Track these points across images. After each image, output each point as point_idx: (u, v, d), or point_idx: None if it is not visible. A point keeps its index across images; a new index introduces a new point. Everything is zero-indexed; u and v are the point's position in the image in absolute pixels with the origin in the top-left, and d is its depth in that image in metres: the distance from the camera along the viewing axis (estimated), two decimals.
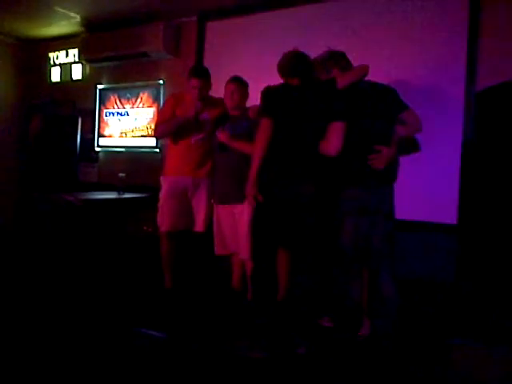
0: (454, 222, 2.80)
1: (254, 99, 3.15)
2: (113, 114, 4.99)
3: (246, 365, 2.30)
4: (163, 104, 3.50)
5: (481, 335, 1.95)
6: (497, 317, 1.96)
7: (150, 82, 4.71)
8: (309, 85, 2.64)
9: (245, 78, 3.17)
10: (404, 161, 2.76)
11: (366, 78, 2.60)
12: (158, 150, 4.60)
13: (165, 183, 3.32)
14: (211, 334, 2.65)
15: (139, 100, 4.79)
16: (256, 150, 2.50)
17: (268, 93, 2.61)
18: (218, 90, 3.28)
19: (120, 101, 4.93)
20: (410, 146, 2.82)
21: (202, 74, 3.28)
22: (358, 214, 2.50)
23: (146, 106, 4.74)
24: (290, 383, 2.17)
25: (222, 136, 3.07)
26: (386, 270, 2.54)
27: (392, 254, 2.62)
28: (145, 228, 3.92)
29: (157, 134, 3.56)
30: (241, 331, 2.66)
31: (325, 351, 2.46)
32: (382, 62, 2.99)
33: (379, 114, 2.55)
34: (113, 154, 4.99)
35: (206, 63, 4.12)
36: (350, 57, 2.68)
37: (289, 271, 2.67)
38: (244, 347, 2.45)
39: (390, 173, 2.61)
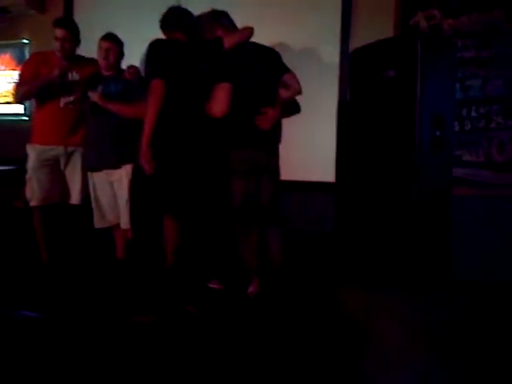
0: (333, 180, 2.96)
1: (131, 59, 2.99)
2: None
3: (134, 330, 2.22)
4: (23, 63, 3.13)
5: (361, 279, 2.08)
6: (370, 263, 2.11)
7: (12, 42, 4.19)
8: (195, 42, 2.54)
9: (120, 36, 2.96)
10: (285, 122, 2.81)
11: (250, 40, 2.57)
12: (26, 118, 4.16)
13: (32, 152, 3.01)
14: (94, 305, 2.52)
15: (0, 61, 4.26)
16: (149, 114, 2.32)
17: (157, 48, 2.43)
18: (90, 52, 3.01)
19: None
20: (292, 107, 2.87)
21: (66, 23, 2.97)
22: (246, 174, 2.52)
23: (8, 68, 4.23)
24: (181, 343, 2.14)
25: (94, 96, 2.84)
26: (273, 228, 2.61)
27: (279, 212, 2.68)
28: (15, 203, 3.55)
29: (17, 97, 3.14)
30: (126, 299, 2.55)
31: (214, 311, 2.47)
32: (264, 24, 2.97)
33: (264, 75, 2.56)
34: None
35: (77, 20, 3.77)
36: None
37: (176, 237, 2.60)
38: (131, 313, 2.36)
39: (275, 133, 2.65)
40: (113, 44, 2.90)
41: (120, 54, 2.95)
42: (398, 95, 1.98)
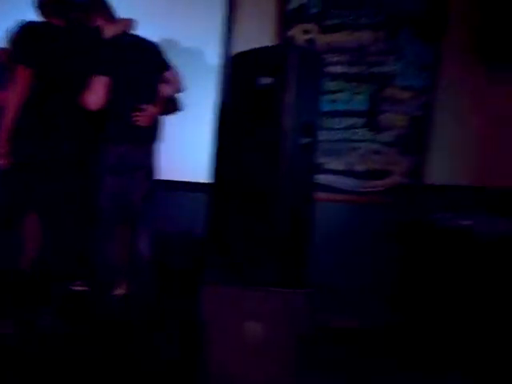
0: (207, 180, 3.00)
1: None
2: None
3: None
4: None
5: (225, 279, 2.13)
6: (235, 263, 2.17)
7: None
8: (73, 29, 2.39)
9: None
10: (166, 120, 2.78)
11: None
12: None
13: None
14: None
15: None
16: (10, 104, 2.14)
17: (26, 32, 2.23)
18: None
19: None
20: (173, 105, 2.84)
21: None
22: (118, 171, 2.43)
23: None
24: (33, 359, 2.00)
25: None
26: (143, 228, 2.55)
27: (151, 211, 2.62)
28: None
29: None
30: None
31: (75, 317, 2.36)
32: (149, 18, 2.90)
33: (144, 69, 2.50)
34: None
35: None
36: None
37: (37, 236, 2.42)
38: None
39: (154, 131, 2.60)
40: None
41: None
42: (270, 102, 2.06)
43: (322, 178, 3.01)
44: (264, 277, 2.03)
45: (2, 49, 2.61)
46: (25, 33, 2.24)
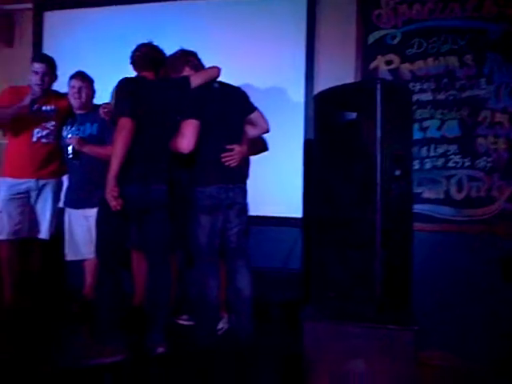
0: (300, 215, 3.07)
1: (104, 96, 3.04)
2: None
3: (100, 371, 2.20)
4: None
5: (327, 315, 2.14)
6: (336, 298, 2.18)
7: None
8: (163, 80, 2.62)
9: (91, 73, 3.03)
10: (253, 160, 2.91)
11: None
12: None
13: (3, 185, 3.01)
14: (58, 348, 2.48)
15: None
16: (116, 150, 2.33)
17: (125, 86, 2.48)
18: (58, 88, 3.08)
19: None
20: (259, 145, 2.98)
21: (44, 58, 3.03)
22: (211, 211, 2.54)
23: None
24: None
25: (72, 141, 2.89)
26: (242, 264, 2.64)
27: (247, 248, 2.72)
28: None
29: None
30: (91, 339, 2.53)
31: (184, 348, 2.48)
32: (231, 63, 3.10)
33: (230, 113, 2.63)
34: None
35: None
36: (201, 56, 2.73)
37: (144, 273, 2.62)
38: (95, 354, 2.33)
39: (243, 171, 2.73)
40: (84, 82, 2.96)
41: (92, 92, 3.01)
42: (359, 136, 2.11)
43: (419, 208, 2.93)
44: (366, 312, 2.01)
45: (109, 105, 2.96)
46: (122, 88, 2.48)
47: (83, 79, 2.97)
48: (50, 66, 3.01)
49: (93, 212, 2.83)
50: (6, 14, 4.04)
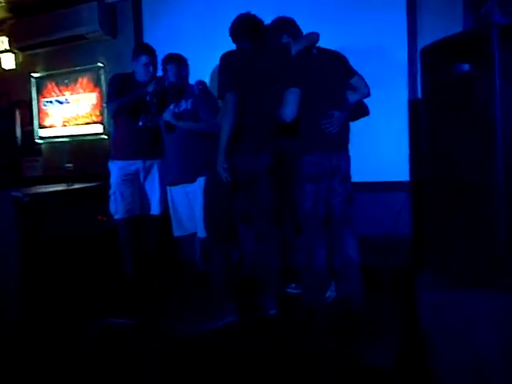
0: (407, 179, 2.94)
1: (196, 75, 3.14)
2: (52, 103, 4.78)
3: (218, 332, 2.33)
4: (110, 82, 3.36)
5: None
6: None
7: (89, 66, 4.53)
8: (263, 50, 2.63)
9: (187, 56, 3.13)
10: (354, 125, 2.83)
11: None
12: (105, 137, 4.47)
13: (114, 168, 3.25)
14: (178, 314, 2.67)
15: (79, 85, 4.61)
16: (224, 127, 2.42)
17: (226, 61, 2.53)
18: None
19: (58, 88, 4.73)
20: (360, 110, 2.89)
21: (150, 49, 3.21)
22: (316, 179, 2.53)
23: (86, 91, 4.57)
24: (262, 343, 2.21)
25: (167, 115, 3.03)
26: (348, 231, 2.61)
27: (352, 215, 2.68)
28: (99, 217, 3.81)
29: (111, 111, 3.31)
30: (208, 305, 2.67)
31: (294, 313, 2.54)
32: (330, 28, 3.02)
33: (331, 79, 2.58)
34: (57, 145, 4.80)
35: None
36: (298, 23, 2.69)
37: (251, 245, 2.68)
38: (214, 316, 2.48)
39: (344, 137, 2.66)
40: (177, 64, 3.08)
41: (185, 71, 3.11)
42: (474, 90, 1.93)
43: None
44: (491, 279, 1.88)
45: (202, 83, 3.05)
46: (225, 63, 2.51)
47: (176, 62, 3.08)
48: (155, 54, 3.21)
49: (192, 187, 3.04)
50: (109, 7, 4.31)
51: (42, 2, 4.39)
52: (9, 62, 4.92)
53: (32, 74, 4.82)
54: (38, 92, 4.83)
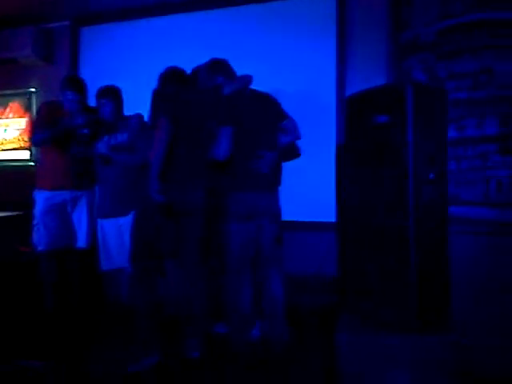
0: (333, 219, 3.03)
1: (136, 105, 3.12)
2: None
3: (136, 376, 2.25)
4: (38, 111, 3.27)
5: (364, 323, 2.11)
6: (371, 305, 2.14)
7: (21, 91, 4.40)
8: (197, 90, 2.68)
9: (123, 85, 3.11)
10: (286, 166, 2.91)
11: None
12: (32, 164, 4.30)
13: (40, 197, 3.12)
14: (99, 353, 2.56)
15: (8, 110, 4.44)
16: (156, 148, 2.43)
17: (161, 93, 2.59)
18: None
19: None
20: (291, 151, 2.97)
21: (78, 86, 3.14)
22: (245, 218, 2.56)
23: (16, 116, 4.41)
24: None
25: (102, 148, 2.98)
26: (274, 271, 2.64)
27: (281, 255, 2.72)
28: (21, 249, 3.62)
29: (35, 141, 3.24)
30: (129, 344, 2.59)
31: (218, 354, 2.51)
32: (262, 69, 3.11)
33: (263, 121, 2.65)
34: None
35: (83, 70, 4.00)
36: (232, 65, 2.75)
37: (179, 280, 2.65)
38: (135, 356, 2.40)
39: (275, 177, 2.73)
40: (109, 100, 3.05)
41: (119, 106, 3.09)
42: (390, 139, 2.06)
43: (456, 211, 2.84)
44: (404, 321, 1.96)
45: (138, 116, 3.04)
46: (158, 95, 2.59)
47: (110, 96, 3.05)
48: (83, 91, 3.14)
49: (124, 220, 2.95)
50: (45, 32, 4.22)
51: None
52: None
53: None
54: None
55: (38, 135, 3.10)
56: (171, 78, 2.69)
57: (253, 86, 2.70)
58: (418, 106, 1.99)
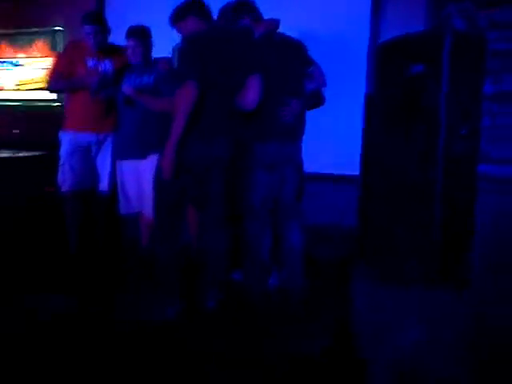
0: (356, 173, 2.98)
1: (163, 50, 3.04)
2: (2, 64, 4.54)
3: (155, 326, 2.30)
4: (63, 50, 3.24)
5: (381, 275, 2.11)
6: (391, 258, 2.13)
7: (46, 28, 4.34)
8: (228, 32, 2.55)
9: (153, 23, 3.00)
10: (309, 115, 2.84)
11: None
12: (58, 104, 4.31)
13: (65, 138, 3.14)
14: (117, 299, 2.63)
15: (34, 48, 4.41)
16: (178, 119, 2.24)
17: (194, 44, 2.37)
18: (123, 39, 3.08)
19: (12, 49, 4.50)
20: (316, 100, 2.87)
21: (95, 19, 3.06)
22: (268, 168, 2.53)
23: (41, 55, 4.38)
24: (198, 338, 2.22)
25: (127, 89, 2.94)
26: (295, 221, 2.64)
27: (301, 205, 2.71)
28: (46, 188, 3.70)
29: (50, 88, 3.26)
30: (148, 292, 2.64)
31: (234, 304, 2.55)
32: (292, 15, 2.98)
33: (290, 67, 2.56)
34: (6, 109, 4.58)
35: (110, 7, 3.89)
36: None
37: (198, 228, 2.67)
38: (154, 306, 2.46)
39: (299, 127, 2.66)
40: (138, 41, 2.96)
41: (147, 48, 3.01)
42: (423, 90, 1.97)
43: (485, 169, 2.73)
44: (422, 273, 1.95)
45: (166, 60, 2.96)
46: (191, 46, 2.37)
47: (136, 39, 2.96)
48: (101, 25, 3.06)
49: (144, 164, 2.93)
50: None
51: None
52: None
53: None
54: None
55: (52, 84, 3.11)
56: (185, 8, 2.49)
57: (280, 30, 2.59)
58: (455, 56, 1.87)
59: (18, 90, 4.50)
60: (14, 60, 4.49)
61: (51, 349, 2.08)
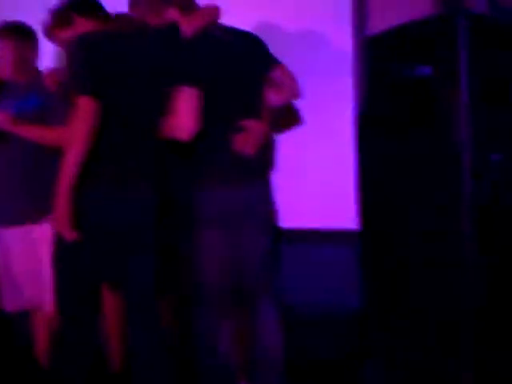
0: (354, 226, 3.00)
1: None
2: None
3: None
4: None
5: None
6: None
7: None
8: (139, 32, 2.59)
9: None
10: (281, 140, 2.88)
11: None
12: None
13: None
14: None
15: None
16: (71, 150, 2.22)
17: (85, 49, 2.37)
18: None
19: None
20: (287, 117, 2.94)
21: None
22: (220, 225, 2.53)
23: None
24: None
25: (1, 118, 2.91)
26: (267, 305, 2.64)
27: (275, 280, 2.73)
28: None
29: None
30: None
31: None
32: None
33: (243, 73, 2.61)
34: None
35: None
36: None
37: (124, 327, 2.64)
38: None
39: (265, 159, 2.72)
40: (14, 42, 2.97)
41: (33, 51, 3.04)
42: (432, 101, 2.04)
43: None
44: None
45: (58, 72, 2.97)
46: (80, 52, 2.35)
47: (10, 39, 2.98)
48: None
49: (38, 231, 2.87)
50: None
51: None
52: None
53: None
54: None
55: None
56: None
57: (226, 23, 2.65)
58: (475, 50, 1.95)
59: None
60: None
61: None
